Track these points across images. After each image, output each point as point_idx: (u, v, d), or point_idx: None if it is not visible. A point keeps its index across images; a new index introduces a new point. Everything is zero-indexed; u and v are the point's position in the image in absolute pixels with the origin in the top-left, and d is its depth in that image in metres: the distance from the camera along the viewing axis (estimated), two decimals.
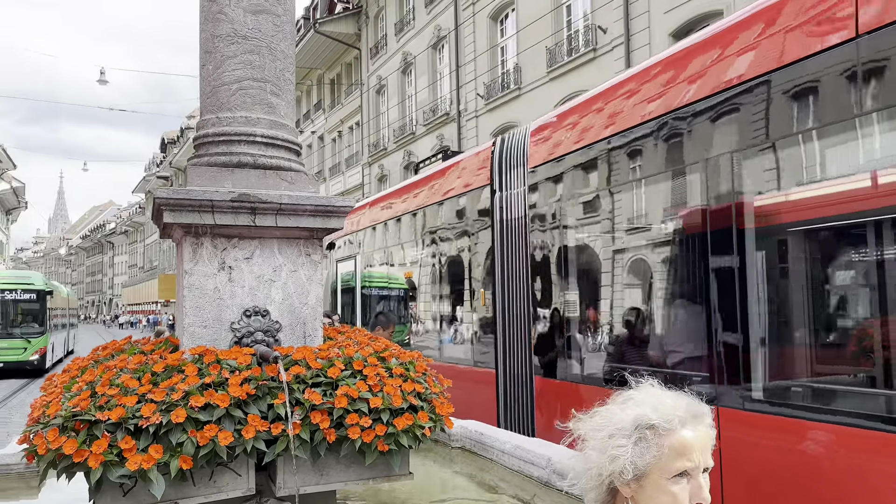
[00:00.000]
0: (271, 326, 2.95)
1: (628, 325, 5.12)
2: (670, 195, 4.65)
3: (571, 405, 5.09)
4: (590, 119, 5.53)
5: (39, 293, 23.22)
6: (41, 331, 22.92)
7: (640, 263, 5.03)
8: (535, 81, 17.82)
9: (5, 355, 21.66)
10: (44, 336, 22.95)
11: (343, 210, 3.06)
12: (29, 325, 23.05)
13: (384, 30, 26.77)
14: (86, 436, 2.32)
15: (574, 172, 5.64)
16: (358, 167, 28.55)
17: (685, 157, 4.43)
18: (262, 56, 3.12)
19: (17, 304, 23.17)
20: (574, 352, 5.73)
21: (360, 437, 2.60)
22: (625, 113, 5.03)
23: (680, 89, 4.46)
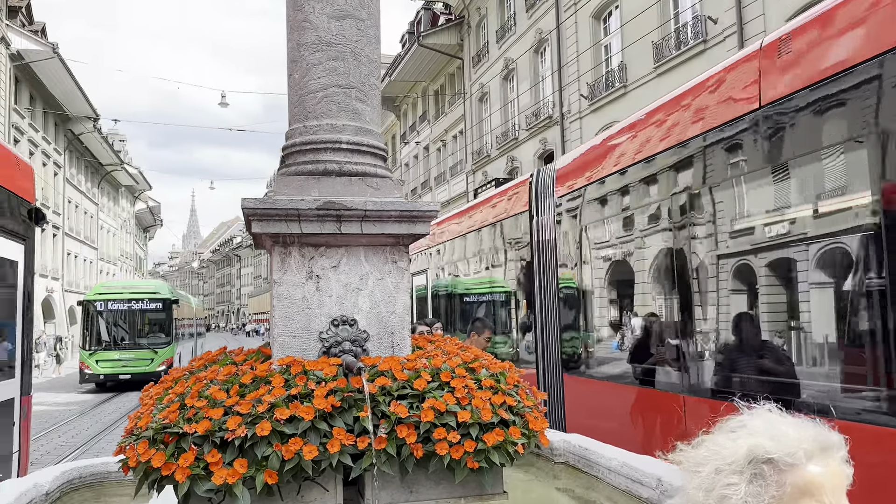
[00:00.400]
0: (359, 336, 2.87)
1: (639, 325, 5.99)
2: (647, 221, 5.75)
3: (595, 399, 6.62)
4: (596, 160, 6.64)
5: (165, 302, 22.51)
6: (167, 341, 22.18)
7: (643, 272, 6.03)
8: (642, 78, 17.16)
9: (133, 366, 20.88)
10: (170, 346, 22.15)
11: (428, 214, 2.95)
12: (155, 336, 22.46)
13: (486, 38, 26.78)
14: (174, 448, 2.32)
15: (587, 202, 6.70)
16: (462, 175, 28.66)
17: (659, 193, 5.44)
18: (346, 62, 3.08)
19: (143, 314, 22.64)
20: (594, 350, 6.82)
21: (449, 452, 2.47)
22: (624, 156, 6.04)
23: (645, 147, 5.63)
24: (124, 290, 23.01)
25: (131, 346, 21.65)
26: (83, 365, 21.06)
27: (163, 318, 22.53)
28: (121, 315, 22.24)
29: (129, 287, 24.16)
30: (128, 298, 22.23)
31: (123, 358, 21.06)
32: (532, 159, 22.51)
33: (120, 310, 22.13)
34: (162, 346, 21.88)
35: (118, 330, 22.16)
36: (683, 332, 5.08)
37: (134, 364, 20.98)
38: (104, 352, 21.14)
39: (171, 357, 21.99)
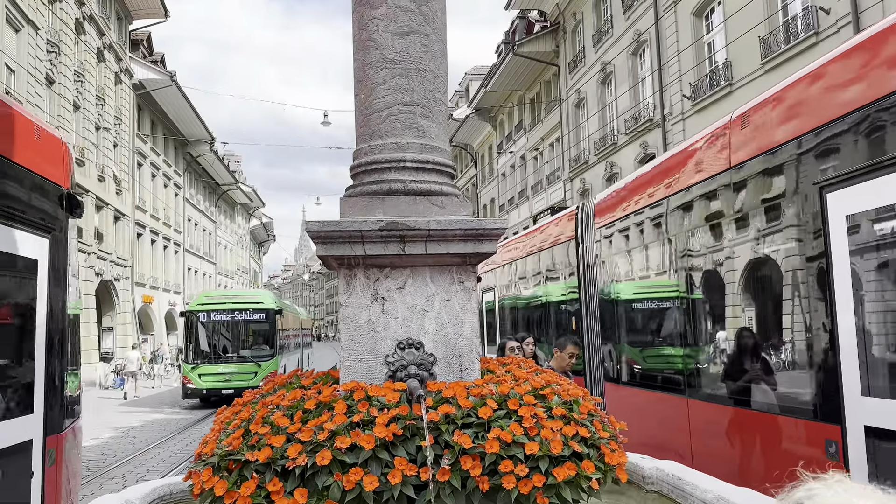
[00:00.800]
0: (425, 359, 2.79)
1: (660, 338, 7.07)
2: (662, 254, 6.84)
3: (630, 405, 7.62)
4: (620, 200, 7.87)
5: (269, 313, 21.20)
6: (271, 353, 20.86)
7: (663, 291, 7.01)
8: (749, 75, 16.25)
9: (236, 380, 19.56)
10: (273, 359, 20.69)
11: (495, 232, 2.82)
12: (259, 348, 21.27)
13: (582, 42, 26.31)
14: (237, 476, 2.31)
15: (617, 232, 7.96)
16: (559, 183, 28.21)
17: (669, 230, 6.52)
18: (410, 79, 3.01)
19: (246, 325, 21.38)
20: (629, 359, 7.79)
21: (517, 486, 2.32)
22: (637, 198, 7.31)
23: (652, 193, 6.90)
24: (227, 301, 21.84)
25: (234, 360, 20.72)
26: (186, 379, 20.34)
27: (266, 329, 21.31)
28: (223, 326, 21.08)
29: (231, 297, 22.95)
30: (230, 309, 21.06)
31: (226, 372, 20.13)
32: (633, 164, 21.82)
33: (223, 321, 20.96)
34: (265, 358, 20.70)
35: (221, 342, 21.12)
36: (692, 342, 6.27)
37: (237, 378, 19.70)
38: (207, 365, 20.26)
39: (276, 370, 20.07)
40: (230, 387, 19.20)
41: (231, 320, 21.04)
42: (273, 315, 21.15)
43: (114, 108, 30.38)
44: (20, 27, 21.49)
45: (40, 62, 22.95)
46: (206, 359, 20.42)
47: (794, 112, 4.64)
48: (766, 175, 4.92)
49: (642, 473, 3.75)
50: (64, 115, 24.92)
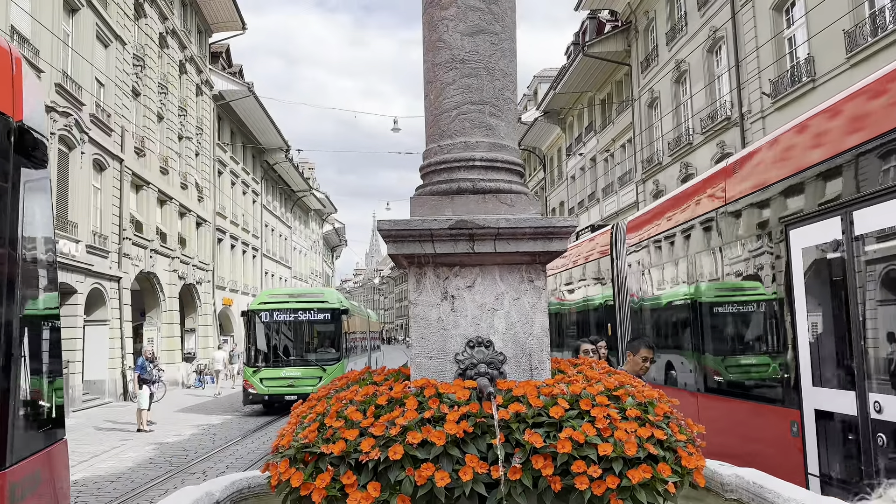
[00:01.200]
0: (495, 358, 2.78)
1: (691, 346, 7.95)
2: (686, 271, 8.13)
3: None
4: (643, 223, 9.56)
5: (334, 313, 19.60)
6: (336, 356, 19.30)
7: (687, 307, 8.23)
8: (833, 70, 15.50)
9: (300, 385, 17.95)
10: (339, 363, 18.96)
11: (566, 231, 2.79)
12: (324, 350, 19.83)
13: (654, 41, 25.73)
14: (312, 468, 2.36)
15: (641, 250, 9.58)
16: (631, 185, 27.63)
17: (689, 250, 7.99)
18: (479, 78, 3.02)
19: (311, 325, 19.95)
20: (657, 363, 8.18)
21: (590, 487, 2.29)
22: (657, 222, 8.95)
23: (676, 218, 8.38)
24: (290, 299, 20.37)
25: (297, 363, 19.29)
26: (247, 384, 19.02)
27: (331, 330, 19.78)
28: (286, 327, 19.75)
29: (295, 295, 21.34)
30: (293, 308, 19.57)
31: (289, 376, 18.66)
32: (709, 164, 21.14)
33: (285, 321, 19.58)
34: (331, 362, 19.05)
35: (283, 344, 19.83)
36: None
37: (300, 384, 18.09)
38: (269, 369, 18.93)
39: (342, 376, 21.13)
40: (293, 392, 17.47)
41: (294, 320, 19.61)
42: (338, 315, 19.59)
43: (195, 119, 31.69)
44: (109, 42, 22.70)
45: (127, 75, 24.17)
46: (267, 362, 19.20)
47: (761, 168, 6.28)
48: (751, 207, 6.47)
49: (721, 480, 3.62)
50: (149, 125, 26.18)
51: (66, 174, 19.58)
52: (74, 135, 19.70)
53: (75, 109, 19.69)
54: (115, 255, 22.69)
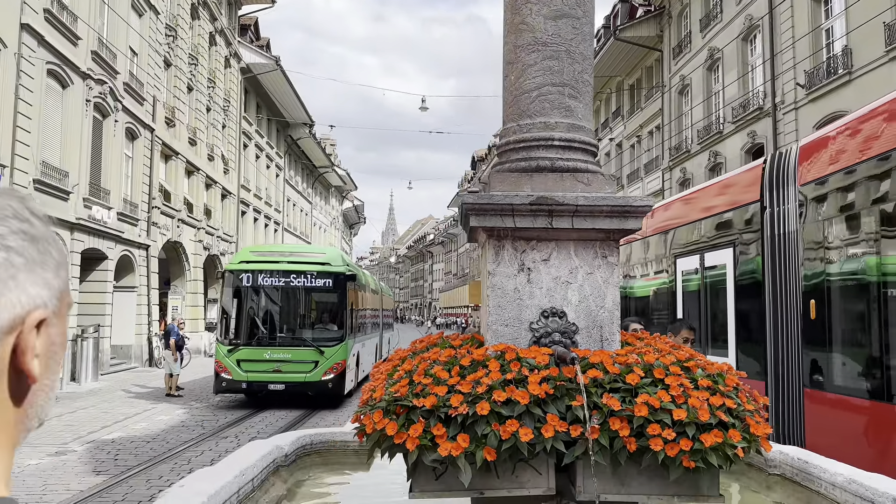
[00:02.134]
0: (568, 328, 2.94)
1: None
2: None
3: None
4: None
5: (337, 278, 15.04)
6: (339, 336, 14.79)
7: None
8: (871, 63, 15.37)
9: (287, 371, 14.12)
10: (342, 345, 14.67)
11: (641, 210, 2.94)
12: (323, 328, 15.33)
13: (688, 27, 25.51)
14: (404, 420, 2.55)
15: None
16: (657, 172, 27.56)
17: None
18: (560, 61, 3.15)
19: (306, 294, 15.30)
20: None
21: (664, 449, 2.46)
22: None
23: None
24: (280, 258, 15.32)
25: (287, 342, 14.67)
26: (220, 367, 14.24)
27: (333, 300, 15.34)
28: (273, 294, 15.07)
29: (287, 253, 15.92)
30: (284, 270, 14.86)
31: (276, 359, 14.19)
32: (738, 154, 21.09)
33: (273, 286, 14.90)
34: (331, 342, 14.61)
35: (269, 316, 15.15)
36: None
37: (290, 368, 14.14)
38: (248, 349, 14.35)
39: (345, 360, 14.65)
40: (281, 381, 14.07)
41: (285, 286, 14.88)
42: (343, 282, 15.11)
43: (223, 91, 31.91)
44: (143, 12, 22.90)
45: (160, 45, 24.39)
46: (248, 340, 14.61)
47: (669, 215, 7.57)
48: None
49: (765, 456, 3.78)
50: (179, 95, 26.43)
51: (99, 141, 19.90)
52: (109, 103, 19.99)
53: (110, 77, 19.96)
54: (143, 223, 23.07)
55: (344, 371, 14.70)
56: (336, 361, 14.54)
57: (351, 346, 15.41)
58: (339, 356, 14.64)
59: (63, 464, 9.00)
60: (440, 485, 2.59)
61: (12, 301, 0.69)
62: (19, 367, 0.70)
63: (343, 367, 14.67)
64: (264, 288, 15.06)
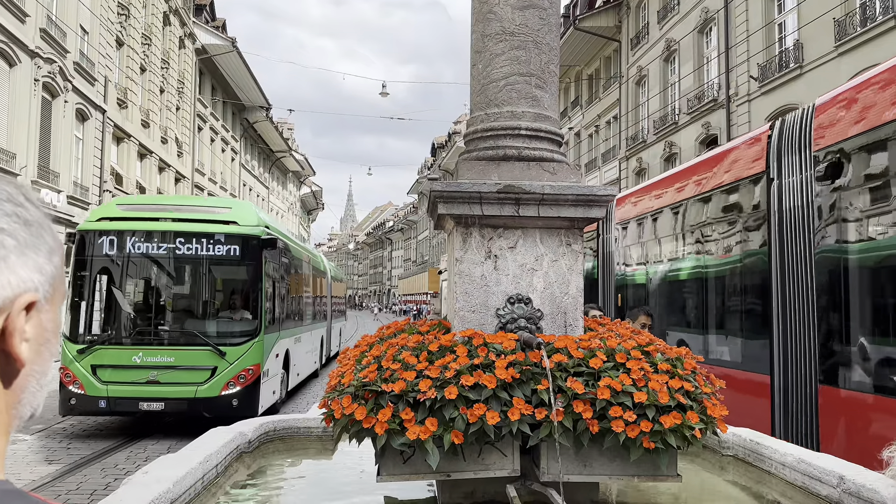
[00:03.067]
0: (533, 314, 3.01)
1: None
2: None
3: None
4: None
5: (248, 244, 10.16)
6: (251, 328, 10.16)
7: None
8: (821, 57, 15.85)
9: (170, 382, 9.55)
10: (255, 342, 10.09)
11: (605, 199, 3.01)
12: (227, 318, 10.43)
13: (646, 18, 25.86)
14: (373, 405, 2.58)
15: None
16: (615, 161, 27.98)
17: None
18: (527, 51, 3.20)
19: (200, 267, 10.30)
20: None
21: (625, 430, 2.54)
22: None
23: None
24: (161, 213, 10.28)
25: (169, 339, 10.00)
26: (66, 375, 9.51)
27: (242, 277, 10.42)
28: (149, 267, 10.22)
29: (171, 207, 10.73)
30: (166, 231, 10.01)
31: (150, 364, 9.57)
32: (693, 145, 21.55)
33: (149, 255, 10.02)
34: (239, 339, 10.02)
35: (142, 300, 10.49)
36: None
37: (172, 379, 9.56)
38: (110, 349, 9.74)
39: (258, 364, 10.09)
40: (160, 396, 9.47)
41: (167, 255, 10.04)
42: (257, 250, 10.16)
43: (177, 72, 31.14)
44: None
45: (111, 24, 23.65)
46: (108, 335, 10.04)
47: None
48: None
49: (719, 438, 3.92)
50: (132, 76, 25.70)
51: (48, 122, 19.26)
52: (58, 82, 19.33)
53: (60, 56, 19.30)
54: (95, 207, 22.45)
55: (257, 380, 9.96)
56: (245, 366, 9.79)
57: (272, 343, 10.85)
58: (251, 358, 9.89)
59: None
60: (408, 468, 2.63)
61: (1, 283, 0.68)
62: (7, 349, 0.70)
63: (256, 375, 9.92)
64: (135, 258, 9.93)
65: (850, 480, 2.89)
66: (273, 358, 11.11)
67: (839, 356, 5.41)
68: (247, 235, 10.19)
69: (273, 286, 11.28)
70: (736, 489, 3.66)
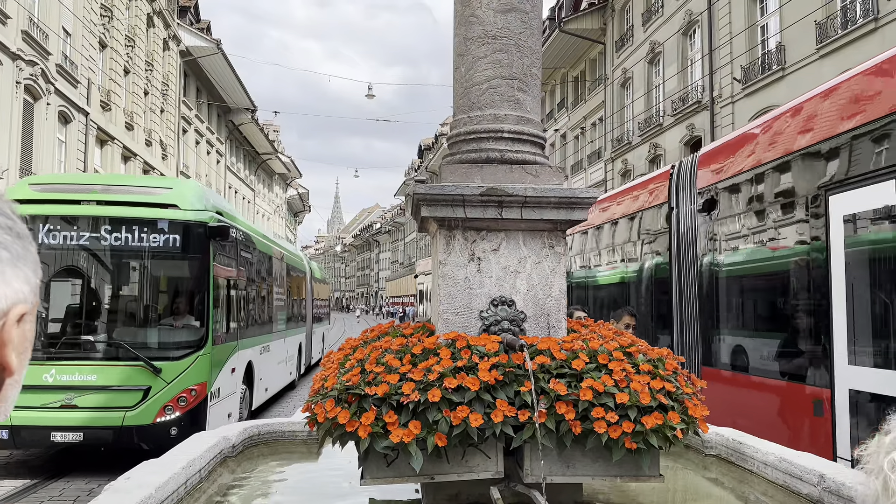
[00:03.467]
0: (517, 316, 3.02)
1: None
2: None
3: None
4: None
5: (191, 232, 8.22)
6: (195, 338, 8.24)
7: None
8: (802, 60, 16.02)
9: (89, 407, 7.66)
10: (201, 355, 8.16)
11: (587, 201, 3.03)
12: (166, 325, 8.54)
13: (630, 21, 26.01)
14: (356, 408, 2.58)
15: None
16: (600, 163, 28.10)
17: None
18: (510, 54, 3.21)
19: (130, 261, 8.48)
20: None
21: (607, 431, 2.56)
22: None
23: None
24: (84, 194, 8.30)
25: (89, 352, 8.06)
26: None
27: (184, 274, 8.67)
28: (66, 259, 8.37)
29: (96, 187, 8.48)
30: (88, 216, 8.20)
31: (65, 383, 7.71)
32: (678, 146, 21.69)
33: (67, 246, 8.17)
34: (178, 353, 8.15)
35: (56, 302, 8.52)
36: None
37: (92, 403, 7.73)
38: None
39: (205, 382, 8.22)
40: (77, 424, 7.63)
41: (89, 246, 8.23)
42: (202, 238, 8.29)
43: (162, 74, 30.94)
44: None
45: (94, 25, 23.47)
46: None
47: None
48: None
49: (702, 437, 3.96)
50: (115, 78, 25.51)
51: (30, 125, 19.07)
52: (40, 85, 19.15)
53: (42, 58, 19.12)
54: None
55: (203, 403, 8.09)
56: (187, 386, 7.93)
57: (225, 356, 8.95)
58: (195, 376, 7.98)
59: None
60: (391, 471, 2.63)
61: (6, 294, 0.70)
62: (0, 360, 0.71)
63: (202, 396, 8.06)
64: (50, 250, 8.01)
65: (831, 479, 2.92)
66: (227, 374, 9.06)
67: (713, 343, 7.06)
68: (190, 222, 8.14)
69: (228, 286, 9.28)
70: (718, 488, 3.69)
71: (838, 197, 5.06)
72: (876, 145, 4.77)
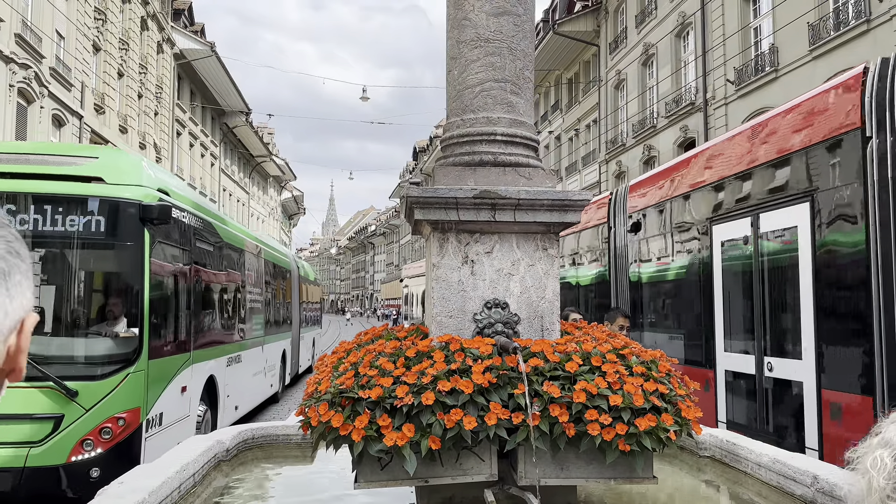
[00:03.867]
0: (510, 318, 3.02)
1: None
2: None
3: None
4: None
5: (122, 212, 6.20)
6: (126, 352, 6.10)
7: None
8: (796, 61, 16.07)
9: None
10: (129, 375, 6.05)
11: (580, 204, 3.03)
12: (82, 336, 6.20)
13: (624, 23, 26.08)
14: (350, 411, 2.57)
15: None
16: (594, 165, 28.15)
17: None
18: (502, 57, 3.21)
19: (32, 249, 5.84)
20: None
21: (600, 434, 2.56)
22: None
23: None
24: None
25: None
26: None
27: (111, 269, 6.58)
28: None
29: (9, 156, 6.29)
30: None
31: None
32: (671, 148, 21.74)
33: None
34: (100, 370, 6.02)
35: None
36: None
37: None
38: None
39: (137, 407, 6.12)
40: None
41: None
42: (135, 222, 6.27)
43: (156, 77, 30.88)
44: None
45: (88, 29, 23.41)
46: None
47: None
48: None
49: (696, 439, 3.96)
50: (109, 81, 25.45)
51: (24, 129, 19.00)
52: (34, 88, 19.09)
53: (35, 62, 19.06)
54: None
55: (137, 434, 6.23)
56: (113, 413, 6.05)
57: (172, 371, 7.12)
58: (123, 400, 6.10)
59: None
60: (385, 474, 2.63)
61: (23, 304, 0.77)
62: (15, 365, 0.77)
63: (134, 426, 6.19)
64: None
65: (824, 480, 2.93)
66: (174, 394, 7.13)
67: (633, 335, 7.71)
68: (117, 199, 6.23)
69: (175, 284, 7.31)
70: (712, 490, 3.69)
71: (719, 226, 6.73)
72: (738, 192, 6.44)
